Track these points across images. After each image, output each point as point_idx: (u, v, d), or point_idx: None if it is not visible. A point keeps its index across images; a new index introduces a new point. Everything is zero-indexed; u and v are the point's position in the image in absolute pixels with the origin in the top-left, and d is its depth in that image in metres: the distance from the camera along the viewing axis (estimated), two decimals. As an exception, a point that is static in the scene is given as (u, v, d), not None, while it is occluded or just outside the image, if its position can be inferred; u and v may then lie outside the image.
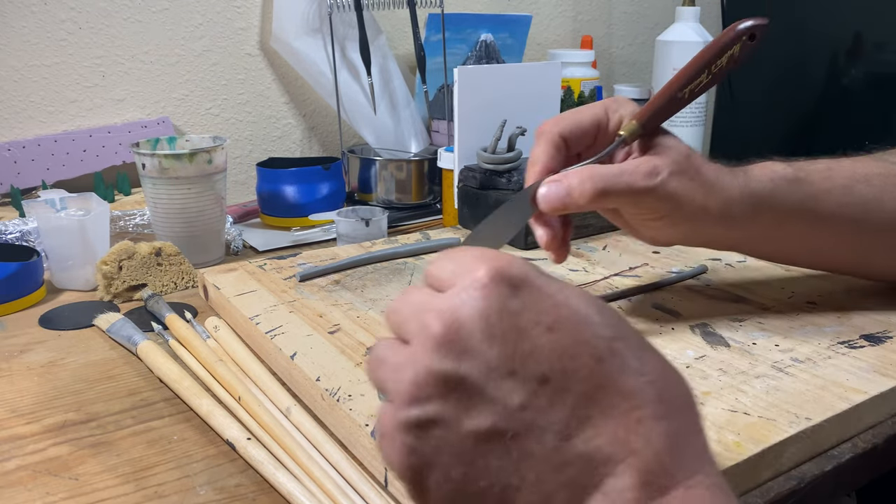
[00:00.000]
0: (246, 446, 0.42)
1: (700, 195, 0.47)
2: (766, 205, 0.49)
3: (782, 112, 1.40)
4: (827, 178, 0.50)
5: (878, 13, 1.25)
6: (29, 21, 0.91)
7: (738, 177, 0.49)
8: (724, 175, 0.49)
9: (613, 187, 0.45)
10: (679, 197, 0.46)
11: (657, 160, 0.46)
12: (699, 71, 0.47)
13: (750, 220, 0.49)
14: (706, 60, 0.47)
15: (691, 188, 0.47)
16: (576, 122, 0.48)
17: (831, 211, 0.50)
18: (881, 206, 0.50)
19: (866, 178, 0.51)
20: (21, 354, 0.57)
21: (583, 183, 0.45)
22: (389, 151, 1.04)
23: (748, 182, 0.49)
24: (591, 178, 0.45)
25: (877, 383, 0.44)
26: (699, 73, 0.47)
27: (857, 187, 0.50)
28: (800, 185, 0.49)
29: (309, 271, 0.63)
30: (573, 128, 0.48)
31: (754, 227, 0.50)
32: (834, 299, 0.57)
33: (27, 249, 0.70)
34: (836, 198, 0.50)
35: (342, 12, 0.99)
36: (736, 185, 0.48)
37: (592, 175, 0.45)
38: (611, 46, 1.43)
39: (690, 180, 0.47)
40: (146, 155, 0.73)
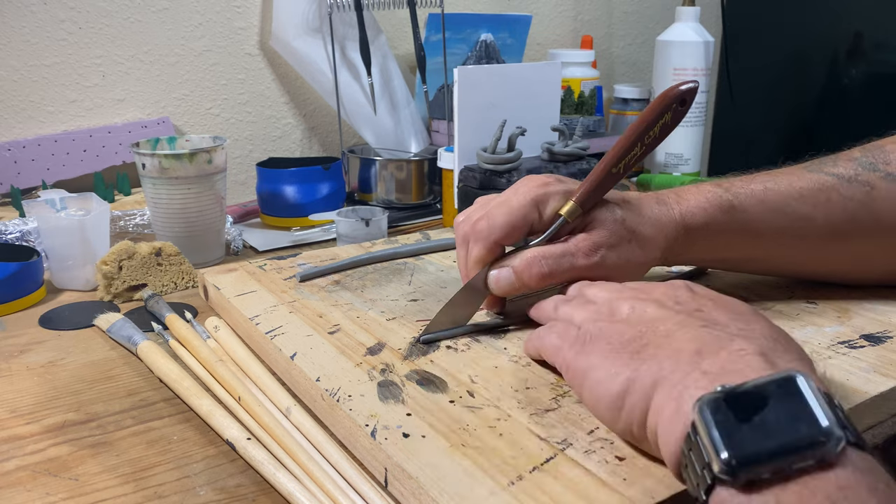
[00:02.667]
0: (246, 446, 0.42)
1: (639, 254, 0.51)
2: (701, 235, 0.52)
3: (782, 112, 1.40)
4: (761, 202, 0.52)
5: (878, 13, 1.25)
6: (29, 21, 0.91)
7: (673, 210, 0.52)
8: (660, 217, 0.52)
9: (558, 268, 0.49)
10: (621, 263, 0.50)
11: (595, 236, 0.50)
12: (632, 145, 0.50)
13: (687, 249, 0.53)
14: (638, 134, 0.50)
15: (629, 251, 0.50)
16: (509, 226, 0.50)
17: (766, 233, 0.53)
18: (813, 222, 0.53)
19: (800, 195, 0.53)
20: (21, 354, 0.57)
21: (530, 267, 0.49)
22: (389, 151, 1.04)
23: (683, 216, 0.52)
24: (536, 261, 0.49)
25: (877, 383, 0.44)
26: (632, 147, 0.50)
27: (791, 206, 0.52)
28: (733, 214, 0.52)
29: (309, 271, 0.63)
30: (508, 232, 0.50)
31: (692, 254, 0.54)
32: (834, 299, 0.57)
33: (27, 249, 0.70)
34: (770, 221, 0.52)
35: (342, 12, 0.99)
36: (671, 223, 0.52)
37: (538, 259, 0.49)
38: (611, 46, 1.43)
39: (628, 243, 0.50)
40: (146, 155, 0.73)
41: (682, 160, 1.16)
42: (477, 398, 0.43)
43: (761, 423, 0.28)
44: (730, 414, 0.28)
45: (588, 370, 0.38)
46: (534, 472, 0.36)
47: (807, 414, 0.28)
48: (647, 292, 0.41)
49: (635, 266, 0.51)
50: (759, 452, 0.27)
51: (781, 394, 0.28)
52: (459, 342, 0.50)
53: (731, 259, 0.56)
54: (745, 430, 0.28)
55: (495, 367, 0.47)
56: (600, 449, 0.38)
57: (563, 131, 0.78)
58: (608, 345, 0.38)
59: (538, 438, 0.39)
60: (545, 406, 0.42)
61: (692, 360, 0.34)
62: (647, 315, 0.39)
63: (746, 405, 0.28)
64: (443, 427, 0.40)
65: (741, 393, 0.29)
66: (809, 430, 0.27)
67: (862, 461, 0.27)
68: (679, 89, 0.49)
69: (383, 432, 0.39)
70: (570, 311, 0.44)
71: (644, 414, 0.35)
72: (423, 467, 0.36)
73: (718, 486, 0.28)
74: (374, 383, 0.45)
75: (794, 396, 0.28)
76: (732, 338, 0.35)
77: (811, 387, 0.29)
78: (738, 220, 0.52)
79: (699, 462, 0.29)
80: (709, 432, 0.28)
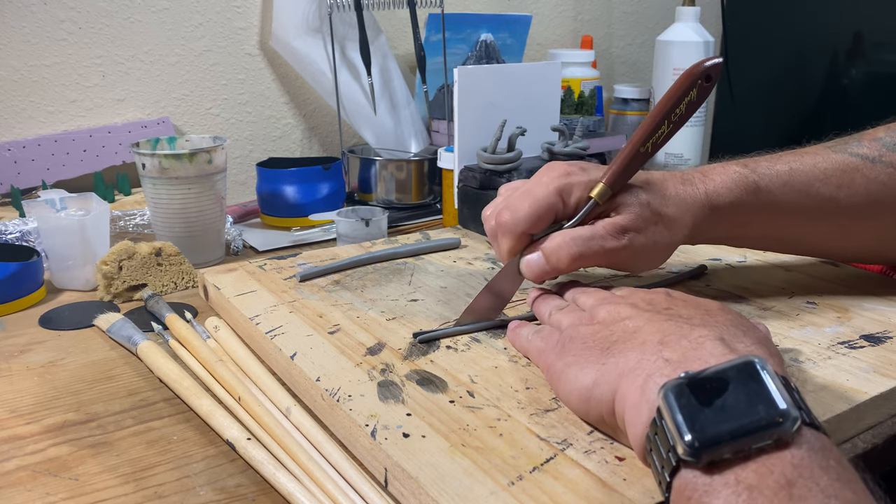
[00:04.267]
0: (246, 446, 0.42)
1: (666, 235, 0.51)
2: (726, 214, 0.53)
3: (782, 112, 1.40)
4: (785, 184, 0.53)
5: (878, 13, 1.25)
6: (29, 21, 0.91)
7: (698, 189, 0.53)
8: (685, 197, 0.52)
9: (587, 251, 0.49)
10: (648, 245, 0.51)
11: (622, 219, 0.50)
12: (659, 123, 0.51)
13: (712, 228, 0.53)
14: (665, 111, 0.50)
15: (656, 233, 0.51)
16: (535, 216, 0.50)
17: (789, 214, 0.54)
18: (836, 203, 0.53)
19: (825, 176, 0.53)
20: (21, 354, 0.57)
21: (559, 250, 0.49)
22: (389, 151, 1.04)
23: (708, 195, 0.52)
24: (566, 245, 0.49)
25: (877, 383, 0.44)
26: (660, 125, 0.51)
27: (815, 187, 0.53)
28: (758, 195, 0.53)
29: (309, 271, 0.63)
30: (534, 222, 0.50)
31: (716, 232, 0.54)
32: (834, 299, 0.57)
33: (27, 249, 0.70)
34: (794, 202, 0.53)
35: (342, 12, 0.99)
36: (697, 203, 0.52)
37: (567, 242, 0.49)
38: (611, 46, 1.43)
39: (654, 225, 0.51)
40: (146, 155, 0.73)
41: (681, 160, 1.16)
42: (477, 398, 0.43)
43: (722, 406, 0.29)
44: (692, 398, 0.30)
45: (564, 368, 0.41)
46: (534, 472, 0.36)
47: (764, 396, 0.29)
48: (627, 298, 0.43)
49: (662, 247, 0.52)
50: (720, 434, 0.28)
51: (741, 378, 0.30)
52: (459, 342, 0.50)
53: (755, 237, 0.57)
54: (707, 413, 0.29)
55: (495, 367, 0.47)
56: (600, 449, 0.38)
57: (563, 131, 0.78)
58: (583, 344, 0.41)
59: (538, 438, 0.39)
60: (545, 406, 0.42)
61: (655, 349, 0.36)
62: (620, 315, 0.41)
63: (708, 390, 0.30)
64: (443, 427, 0.40)
65: (703, 378, 0.30)
66: (767, 411, 0.28)
67: (816, 440, 0.29)
68: (704, 65, 0.49)
69: (383, 432, 0.39)
70: (560, 317, 0.46)
71: (611, 404, 0.37)
72: (423, 467, 0.36)
73: (683, 468, 0.29)
74: (374, 383, 0.45)
75: (752, 380, 0.30)
76: (693, 327, 0.37)
77: (768, 371, 0.30)
78: (763, 201, 0.53)
79: (664, 446, 0.30)
80: (673, 417, 0.29)
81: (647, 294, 0.44)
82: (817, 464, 0.27)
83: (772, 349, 0.37)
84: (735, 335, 0.36)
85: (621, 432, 0.37)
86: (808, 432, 0.29)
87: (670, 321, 0.38)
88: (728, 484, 0.27)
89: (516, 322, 0.50)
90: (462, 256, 0.69)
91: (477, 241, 0.74)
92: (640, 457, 0.34)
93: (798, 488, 0.27)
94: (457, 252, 0.70)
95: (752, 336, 0.37)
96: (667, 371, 0.34)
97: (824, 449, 0.28)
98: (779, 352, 0.37)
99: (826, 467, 0.27)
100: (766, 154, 0.55)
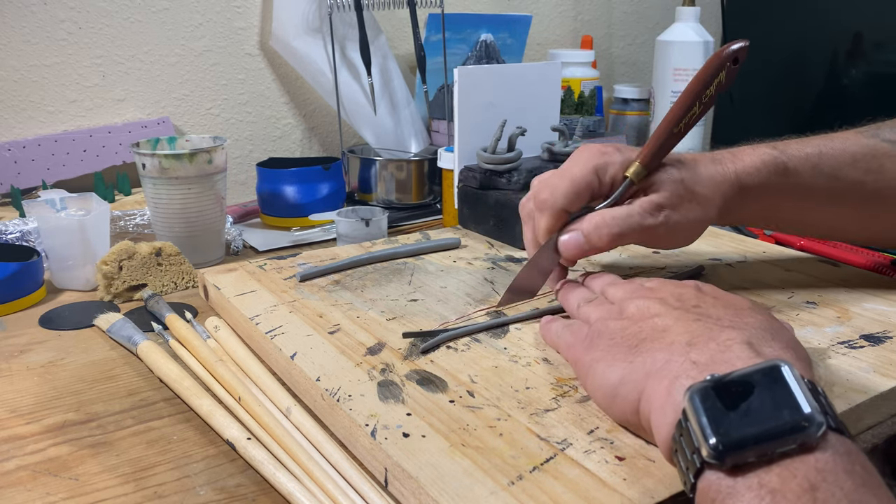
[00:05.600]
0: (246, 446, 0.42)
1: (698, 212, 0.52)
2: (754, 195, 0.54)
3: (782, 112, 1.40)
4: (815, 167, 0.54)
5: (878, 13, 1.25)
6: (29, 21, 0.91)
7: (728, 169, 0.53)
8: (715, 176, 0.53)
9: (626, 230, 0.51)
10: (682, 222, 0.52)
11: (657, 197, 0.51)
12: (692, 103, 0.51)
13: (740, 208, 0.54)
14: (696, 91, 0.51)
15: (689, 210, 0.52)
16: (573, 193, 0.52)
17: (816, 197, 0.55)
18: (864, 188, 0.54)
19: (853, 160, 0.54)
20: (21, 354, 0.57)
21: (599, 229, 0.51)
22: (389, 151, 1.04)
23: (738, 175, 0.53)
24: (605, 224, 0.51)
25: (877, 383, 0.44)
26: (692, 105, 0.51)
27: (843, 171, 0.54)
28: (787, 176, 0.54)
29: (309, 271, 0.63)
30: (572, 199, 0.52)
31: (744, 212, 0.55)
32: (834, 299, 0.57)
33: (27, 249, 0.70)
34: (822, 185, 0.54)
35: (342, 12, 0.99)
36: (726, 182, 0.53)
37: (606, 222, 0.51)
38: (611, 46, 1.43)
39: (688, 203, 0.52)
40: (146, 155, 0.73)
41: (682, 160, 1.16)
42: (477, 398, 0.43)
43: (747, 410, 0.29)
44: (717, 402, 0.30)
45: (591, 363, 0.41)
46: (534, 472, 0.36)
47: (790, 401, 0.29)
48: (656, 291, 0.43)
49: (696, 224, 0.53)
50: (744, 438, 0.28)
51: (766, 382, 0.30)
52: (459, 342, 0.50)
53: (781, 219, 0.58)
54: (731, 416, 0.29)
55: (495, 367, 0.47)
56: (600, 449, 0.38)
57: (563, 131, 0.78)
58: (611, 340, 0.41)
59: (538, 438, 0.39)
60: (545, 406, 0.42)
61: (683, 351, 0.36)
62: (649, 312, 0.41)
63: (733, 393, 0.30)
64: (443, 427, 0.40)
65: (728, 382, 0.30)
66: (792, 416, 0.28)
67: (842, 445, 0.28)
68: (731, 48, 0.50)
69: (383, 432, 0.39)
70: (589, 311, 0.46)
71: (636, 403, 0.37)
72: (423, 467, 0.36)
73: (707, 470, 0.29)
74: (374, 383, 0.45)
75: (777, 384, 0.30)
76: (722, 329, 0.37)
77: (794, 375, 0.30)
78: (791, 183, 0.54)
79: (689, 447, 0.30)
80: (698, 419, 0.29)
81: (678, 288, 0.43)
82: (842, 468, 0.27)
83: (800, 353, 0.37)
84: (763, 338, 0.36)
85: (645, 431, 0.37)
86: (833, 437, 0.28)
87: (699, 321, 0.38)
88: (751, 487, 0.27)
89: (548, 317, 0.51)
90: (462, 256, 0.69)
91: (477, 241, 0.74)
92: (667, 457, 0.34)
93: (821, 492, 0.26)
94: (457, 252, 0.70)
95: (781, 339, 0.37)
96: (693, 373, 0.34)
97: (849, 453, 0.28)
98: (808, 355, 0.37)
99: (851, 472, 0.27)
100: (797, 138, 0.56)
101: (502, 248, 0.71)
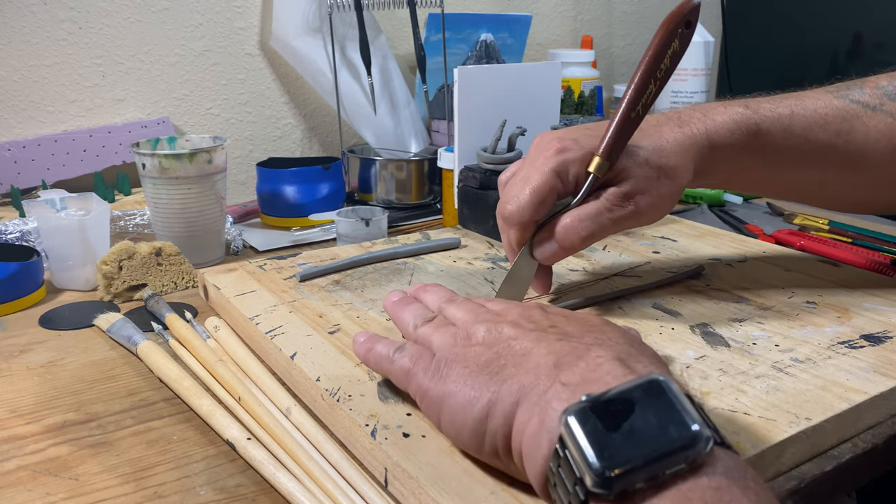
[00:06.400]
0: (246, 446, 0.42)
1: (670, 185, 0.51)
2: (724, 155, 0.52)
3: (782, 112, 1.40)
4: (787, 128, 0.53)
5: (878, 13, 1.25)
6: (29, 21, 0.91)
7: (697, 129, 0.52)
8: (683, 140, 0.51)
9: (598, 229, 0.49)
10: (654, 202, 0.50)
11: (625, 187, 0.50)
12: (645, 83, 0.49)
13: (711, 169, 0.53)
14: (649, 69, 0.49)
15: (660, 186, 0.50)
16: (538, 203, 0.50)
17: (787, 158, 0.53)
18: (834, 150, 0.53)
19: (825, 122, 0.53)
20: (21, 354, 0.57)
21: (569, 234, 0.49)
22: (389, 151, 1.04)
23: (708, 134, 0.51)
24: (575, 228, 0.49)
25: (877, 383, 0.44)
26: (646, 86, 0.49)
27: (814, 132, 0.53)
28: (758, 138, 0.52)
29: (309, 271, 0.63)
30: (537, 208, 0.50)
31: (715, 175, 0.54)
32: (834, 299, 0.57)
33: (27, 249, 0.70)
34: (793, 146, 0.53)
35: (342, 12, 0.99)
36: (695, 144, 0.51)
37: (575, 225, 0.49)
38: (611, 46, 1.43)
39: (657, 180, 0.50)
40: (146, 155, 0.73)
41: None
42: (477, 398, 0.43)
43: (630, 430, 0.27)
44: (598, 423, 0.27)
45: (445, 397, 0.36)
46: (534, 471, 0.36)
47: (675, 417, 0.27)
48: (503, 315, 0.40)
49: (668, 197, 0.51)
50: (631, 460, 0.26)
51: (647, 398, 0.28)
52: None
53: (749, 180, 0.56)
54: (615, 438, 0.27)
55: (495, 367, 0.46)
56: (600, 449, 0.38)
57: (563, 131, 0.78)
58: (465, 368, 0.36)
59: (538, 438, 0.39)
60: (545, 406, 0.42)
61: (551, 373, 0.33)
62: (503, 335, 0.37)
63: (614, 413, 0.28)
64: (443, 427, 0.40)
65: (607, 400, 0.28)
66: (679, 432, 0.27)
67: (731, 460, 0.27)
68: (682, 11, 0.48)
69: (383, 432, 0.39)
70: (429, 333, 0.41)
71: (507, 437, 0.34)
72: (424, 467, 0.36)
73: (591, 502, 0.26)
74: (374, 383, 0.45)
75: (659, 400, 0.28)
76: (588, 347, 0.34)
77: (675, 389, 0.28)
78: (762, 143, 0.52)
79: (570, 478, 0.28)
80: (577, 444, 0.27)
81: (525, 310, 0.40)
82: (736, 485, 0.26)
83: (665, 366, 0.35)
84: (630, 353, 0.34)
85: (518, 471, 0.34)
86: (721, 452, 0.27)
87: (561, 341, 0.35)
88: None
89: (364, 335, 0.45)
90: (462, 256, 0.69)
91: (477, 241, 0.74)
92: (542, 493, 0.31)
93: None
94: (457, 252, 0.70)
95: (646, 353, 0.35)
96: (566, 395, 0.31)
97: (739, 469, 0.27)
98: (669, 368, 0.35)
99: (745, 488, 0.26)
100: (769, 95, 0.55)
101: (502, 248, 0.71)
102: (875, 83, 0.55)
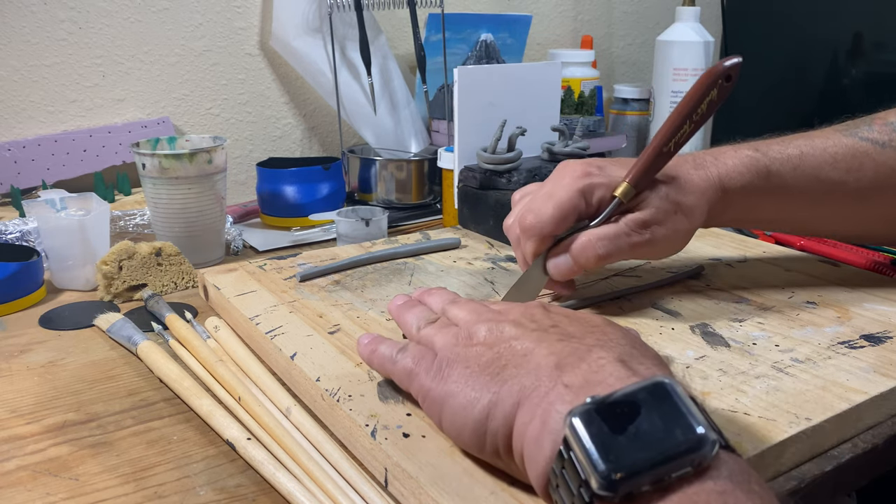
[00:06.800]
0: (246, 446, 0.42)
1: (685, 222, 0.53)
2: (737, 197, 0.54)
3: (782, 113, 1.40)
4: (796, 168, 0.54)
5: (878, 13, 1.25)
6: (29, 21, 0.91)
7: (711, 172, 0.53)
8: (699, 182, 0.53)
9: (614, 250, 0.51)
10: (669, 235, 0.52)
11: (644, 215, 0.51)
12: (681, 123, 0.51)
13: (724, 210, 0.54)
14: (687, 111, 0.51)
15: (676, 222, 0.52)
16: (560, 218, 0.51)
17: (798, 198, 0.55)
18: (845, 187, 0.54)
19: (834, 160, 0.54)
20: (21, 354, 0.57)
21: (586, 251, 0.51)
22: (389, 151, 1.04)
23: (721, 178, 0.53)
24: (592, 246, 0.51)
25: (877, 383, 0.44)
26: (682, 124, 0.51)
27: (824, 171, 0.54)
28: (769, 179, 0.54)
29: (309, 271, 0.63)
30: (559, 223, 0.51)
31: (727, 214, 0.55)
32: (834, 299, 0.57)
33: (27, 249, 0.70)
34: (804, 186, 0.54)
35: (342, 12, 0.99)
36: (710, 187, 0.53)
37: (594, 243, 0.51)
38: (611, 46, 1.43)
39: (675, 215, 0.52)
40: (146, 155, 0.73)
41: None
42: (477, 398, 0.43)
43: (636, 432, 0.27)
44: (603, 425, 0.27)
45: (446, 397, 0.37)
46: (534, 472, 0.36)
47: (681, 420, 0.27)
48: (504, 314, 0.40)
49: (683, 234, 0.53)
50: (638, 463, 0.26)
51: (652, 401, 0.28)
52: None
53: (762, 219, 0.58)
54: (620, 440, 0.26)
55: (495, 367, 0.46)
56: (600, 449, 0.38)
57: (563, 131, 0.78)
58: (466, 369, 0.37)
59: (538, 438, 0.39)
60: (545, 406, 0.42)
61: (552, 374, 0.33)
62: (505, 335, 0.37)
63: (619, 415, 0.27)
64: (443, 427, 0.40)
65: (612, 403, 0.28)
66: (685, 435, 0.26)
67: (735, 464, 0.27)
68: (723, 65, 0.50)
69: (383, 432, 0.39)
70: (431, 333, 0.41)
71: (508, 437, 0.34)
72: (424, 467, 0.36)
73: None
74: (374, 383, 0.45)
75: (664, 403, 0.28)
76: (590, 348, 0.34)
77: (680, 392, 0.28)
78: (774, 185, 0.54)
79: (574, 481, 0.27)
80: (583, 446, 0.27)
81: (527, 309, 0.40)
82: (741, 489, 0.26)
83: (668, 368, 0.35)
84: (633, 355, 0.34)
85: (518, 471, 0.34)
86: (725, 456, 0.27)
87: (563, 342, 0.35)
88: None
89: (368, 336, 0.45)
90: (462, 256, 0.69)
91: (477, 241, 0.74)
92: (543, 494, 0.31)
93: None
94: (457, 252, 0.70)
95: (648, 355, 0.35)
96: (569, 398, 0.31)
97: (744, 472, 0.27)
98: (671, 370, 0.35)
99: (749, 491, 0.26)
100: (777, 137, 0.56)
101: (502, 248, 0.71)
102: (884, 119, 0.56)
